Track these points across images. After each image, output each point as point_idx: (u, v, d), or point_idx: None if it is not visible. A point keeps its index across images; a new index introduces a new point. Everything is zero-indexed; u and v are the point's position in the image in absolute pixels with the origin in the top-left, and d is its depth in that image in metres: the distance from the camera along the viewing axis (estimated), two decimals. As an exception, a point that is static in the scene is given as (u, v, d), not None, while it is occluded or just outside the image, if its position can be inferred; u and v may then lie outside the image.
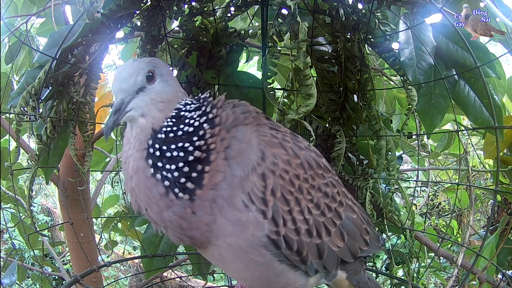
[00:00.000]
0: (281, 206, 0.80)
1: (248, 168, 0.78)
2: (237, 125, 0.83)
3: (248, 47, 1.61)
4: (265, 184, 0.79)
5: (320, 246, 0.86)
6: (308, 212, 0.84)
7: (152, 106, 0.81)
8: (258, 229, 0.78)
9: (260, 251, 0.80)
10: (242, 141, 0.81)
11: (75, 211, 2.14)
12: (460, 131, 2.13)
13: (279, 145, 0.84)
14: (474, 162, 2.97)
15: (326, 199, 0.88)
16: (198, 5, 1.34)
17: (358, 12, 1.27)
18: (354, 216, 0.95)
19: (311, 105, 1.10)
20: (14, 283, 2.29)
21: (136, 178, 0.80)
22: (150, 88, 0.83)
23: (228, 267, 0.91)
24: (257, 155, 0.79)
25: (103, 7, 1.16)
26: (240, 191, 0.77)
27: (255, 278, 0.86)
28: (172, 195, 0.77)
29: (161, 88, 0.83)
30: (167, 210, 0.78)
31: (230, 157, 0.79)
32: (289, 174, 0.82)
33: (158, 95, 0.82)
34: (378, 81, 2.04)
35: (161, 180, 0.77)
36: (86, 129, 1.40)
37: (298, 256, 0.83)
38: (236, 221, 0.78)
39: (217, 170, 0.77)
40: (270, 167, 0.80)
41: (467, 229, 2.05)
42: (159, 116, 0.81)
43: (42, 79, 1.15)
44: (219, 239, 0.80)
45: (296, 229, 0.82)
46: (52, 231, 4.23)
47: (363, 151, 1.51)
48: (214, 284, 3.98)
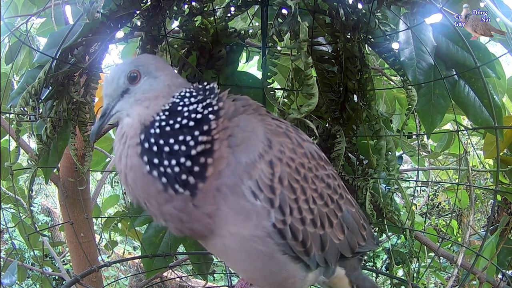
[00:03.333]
0: (288, 194, 0.79)
1: (255, 156, 0.77)
2: (238, 115, 0.83)
3: (248, 47, 1.61)
4: (273, 171, 0.78)
5: (323, 237, 0.85)
6: (313, 201, 0.84)
7: (137, 106, 0.81)
8: (263, 218, 0.77)
9: (264, 240, 0.79)
10: (246, 130, 0.80)
11: (75, 211, 2.14)
12: (460, 131, 2.13)
13: (284, 134, 0.84)
14: (474, 162, 2.97)
15: (329, 190, 0.88)
16: (198, 5, 1.34)
17: (358, 12, 1.27)
18: (353, 210, 0.95)
19: (313, 105, 1.10)
20: (14, 283, 2.29)
21: (132, 175, 0.78)
22: (135, 89, 0.82)
23: (230, 258, 0.90)
24: (264, 142, 0.79)
25: (103, 7, 1.16)
26: (247, 178, 0.76)
27: (257, 269, 0.85)
28: (171, 191, 0.75)
29: (148, 86, 0.82)
30: (166, 204, 0.77)
31: (234, 144, 0.78)
32: (295, 162, 0.82)
33: (143, 94, 0.82)
34: (378, 81, 2.04)
35: (158, 177, 0.75)
36: (86, 129, 1.40)
37: (302, 247, 0.82)
38: (239, 210, 0.77)
39: (220, 157, 0.76)
40: (277, 154, 0.79)
41: (467, 229, 2.05)
42: (146, 113, 0.80)
43: (42, 79, 1.15)
44: (221, 229, 0.79)
45: (301, 219, 0.81)
46: (52, 231, 4.23)
47: (363, 151, 1.51)
48: (214, 284, 3.98)
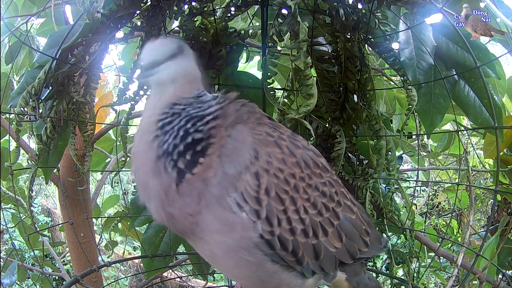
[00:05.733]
0: (276, 205, 0.79)
1: (241, 167, 0.77)
2: (236, 123, 0.83)
3: (248, 47, 1.61)
4: (258, 183, 0.78)
5: (316, 247, 0.84)
6: (304, 211, 0.83)
7: (182, 75, 0.83)
8: (248, 229, 0.77)
9: (250, 251, 0.78)
10: (237, 140, 0.80)
11: (75, 211, 2.14)
12: (460, 131, 2.13)
13: (274, 143, 0.83)
14: (474, 162, 2.97)
15: (324, 199, 0.87)
16: (198, 5, 1.34)
17: (358, 12, 1.27)
18: (353, 216, 0.93)
19: (312, 105, 1.10)
20: (14, 283, 2.28)
21: (145, 138, 0.80)
22: (181, 59, 0.84)
23: (219, 265, 0.90)
24: (251, 153, 0.79)
25: (103, 7, 1.16)
26: (232, 190, 0.77)
27: (247, 277, 0.85)
28: (162, 165, 0.77)
29: (190, 64, 0.86)
30: (154, 177, 0.78)
31: (224, 155, 0.78)
32: (283, 172, 0.81)
33: (187, 68, 0.84)
34: (378, 81, 2.04)
35: (156, 147, 0.78)
36: (86, 129, 1.40)
37: (293, 257, 0.81)
38: (223, 221, 0.77)
39: (209, 166, 0.77)
40: (263, 165, 0.79)
41: (467, 229, 2.05)
42: (186, 89, 0.83)
43: (42, 79, 1.15)
44: (206, 236, 0.79)
45: (291, 229, 0.80)
46: (52, 232, 4.23)
47: (363, 151, 1.51)
48: (214, 284, 3.98)
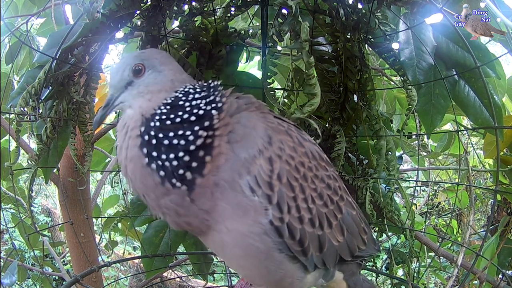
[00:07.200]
0: (287, 192, 0.79)
1: (254, 151, 0.78)
2: (240, 112, 0.83)
3: (248, 47, 1.61)
4: (271, 168, 0.78)
5: (321, 238, 0.85)
6: (311, 201, 0.83)
7: (139, 98, 0.83)
8: (260, 214, 0.77)
9: (261, 237, 0.79)
10: (247, 126, 0.80)
11: (75, 211, 2.14)
12: (460, 131, 2.13)
13: (285, 132, 0.84)
14: (474, 162, 2.97)
15: (329, 191, 0.88)
16: (198, 5, 1.34)
17: (358, 12, 1.27)
18: (354, 212, 0.95)
19: (316, 104, 1.10)
20: (14, 283, 2.29)
21: (132, 166, 0.79)
22: (139, 82, 0.84)
23: (227, 255, 0.90)
24: (264, 139, 0.79)
25: (103, 7, 1.15)
26: (245, 173, 0.77)
27: (254, 266, 0.85)
28: (169, 185, 0.76)
29: (151, 79, 0.84)
30: (163, 197, 0.77)
31: (234, 140, 0.78)
32: (294, 160, 0.82)
33: (147, 87, 0.83)
34: (378, 81, 2.04)
35: (156, 170, 0.76)
36: (86, 129, 1.40)
37: (300, 247, 0.82)
38: (236, 205, 0.77)
39: (219, 153, 0.77)
40: (277, 151, 0.80)
41: (467, 229, 2.05)
42: (147, 105, 0.82)
43: (42, 79, 1.15)
44: (219, 224, 0.79)
45: (299, 217, 0.81)
46: (52, 232, 4.23)
47: (363, 151, 1.51)
48: (214, 284, 3.98)
